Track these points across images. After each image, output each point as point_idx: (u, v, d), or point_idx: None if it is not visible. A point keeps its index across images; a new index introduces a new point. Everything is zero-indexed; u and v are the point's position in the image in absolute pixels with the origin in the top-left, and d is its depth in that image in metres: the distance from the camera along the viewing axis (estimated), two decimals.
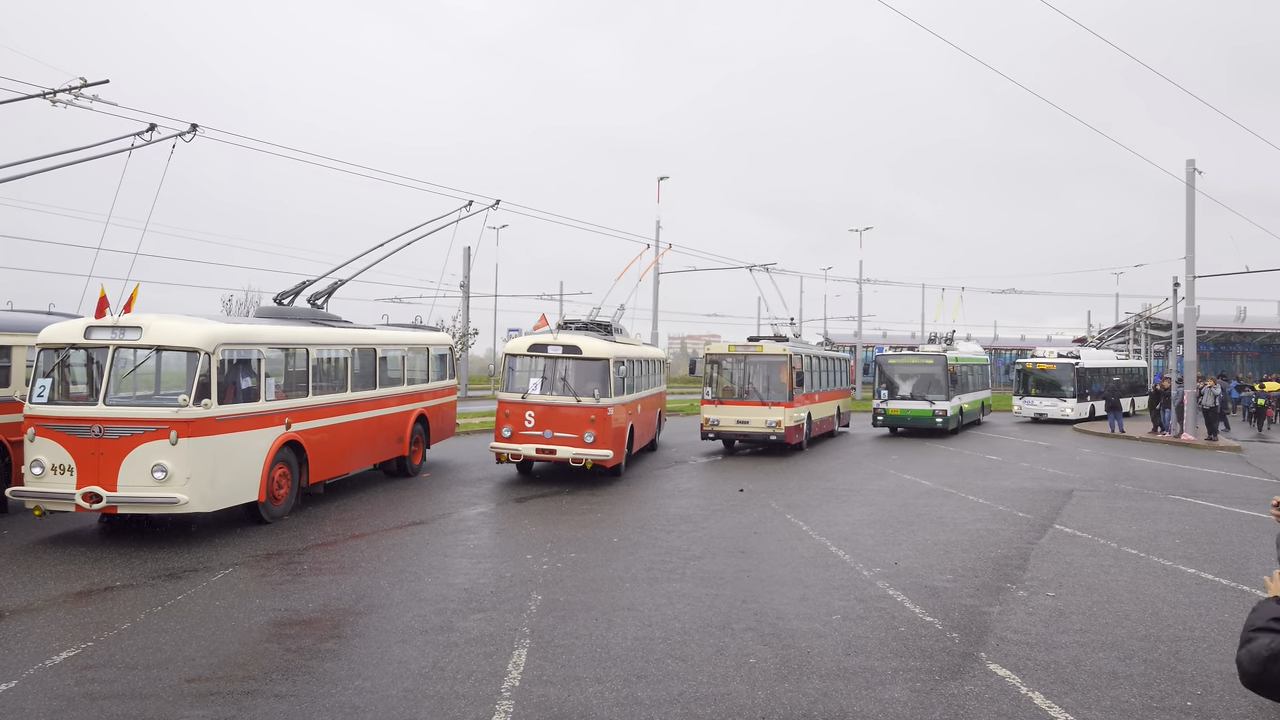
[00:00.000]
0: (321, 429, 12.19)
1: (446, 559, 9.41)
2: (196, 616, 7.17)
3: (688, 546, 10.17)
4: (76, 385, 10.05)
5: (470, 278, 42.08)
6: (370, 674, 5.93)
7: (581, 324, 17.49)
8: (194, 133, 11.46)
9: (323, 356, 12.63)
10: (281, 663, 6.12)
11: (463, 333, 42.56)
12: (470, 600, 7.79)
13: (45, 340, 9.94)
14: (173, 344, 9.79)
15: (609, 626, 7.04)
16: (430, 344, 16.62)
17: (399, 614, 7.33)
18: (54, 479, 9.44)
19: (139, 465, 9.37)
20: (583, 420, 14.63)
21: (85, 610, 7.33)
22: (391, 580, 8.43)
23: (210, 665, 6.05)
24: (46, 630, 6.77)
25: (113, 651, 6.28)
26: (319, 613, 7.33)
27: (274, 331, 11.55)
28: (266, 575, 8.59)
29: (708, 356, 21.02)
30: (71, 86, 10.32)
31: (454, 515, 12.07)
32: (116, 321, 9.74)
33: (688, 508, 12.92)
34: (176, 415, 9.48)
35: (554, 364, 15.05)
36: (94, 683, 5.68)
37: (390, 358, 14.77)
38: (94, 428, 9.39)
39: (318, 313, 14.18)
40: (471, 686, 5.72)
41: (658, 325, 37.63)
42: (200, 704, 5.37)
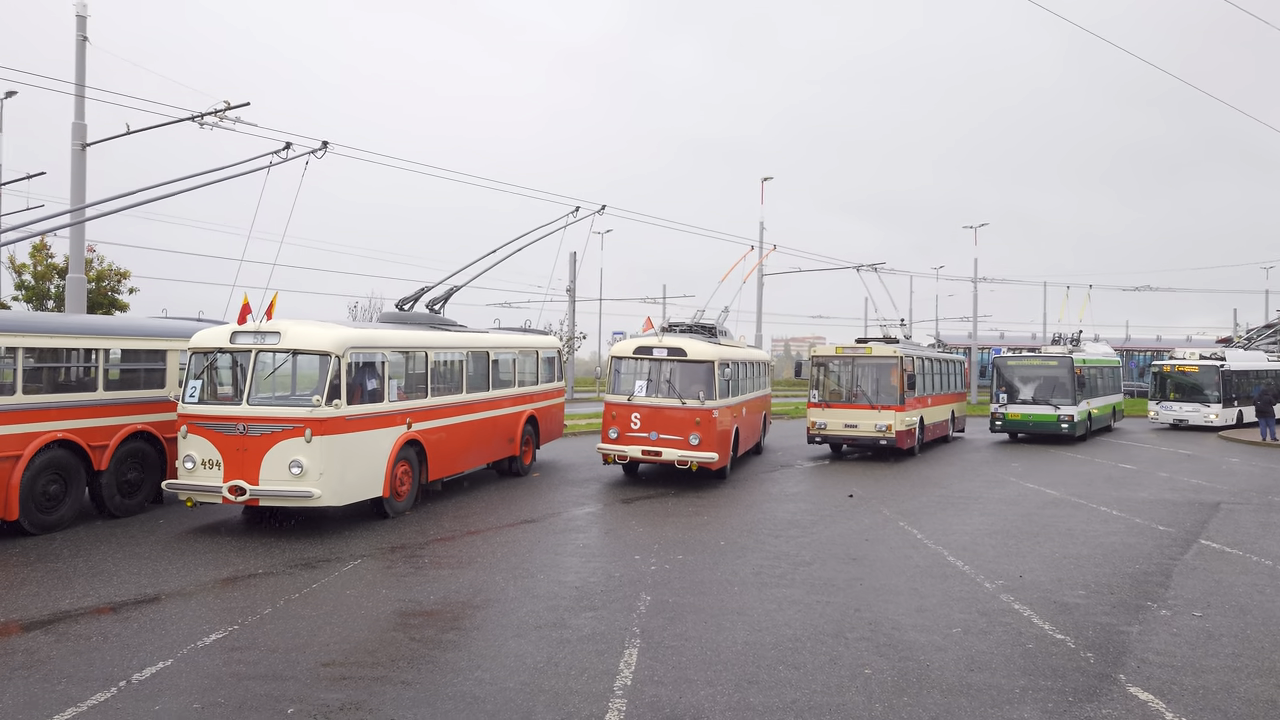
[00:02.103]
0: (440, 429, 12.71)
1: (557, 557, 9.66)
2: (330, 604, 7.62)
3: (796, 552, 10.11)
4: (223, 386, 10.82)
5: (576, 282, 42.82)
6: (488, 666, 6.18)
7: (686, 326, 17.58)
8: (325, 149, 12.18)
9: (440, 359, 13.16)
10: (407, 651, 6.45)
11: (569, 336, 43.43)
12: (581, 598, 7.98)
13: (195, 345, 10.76)
14: (307, 348, 10.43)
15: (718, 630, 7.10)
16: (539, 347, 17.05)
17: (514, 609, 7.59)
18: (203, 473, 10.22)
19: (278, 461, 10.03)
20: (688, 423, 14.71)
21: (231, 595, 7.91)
22: (506, 576, 8.73)
23: (343, 651, 6.43)
24: (198, 613, 7.34)
25: (255, 635, 6.76)
26: (440, 605, 7.67)
27: (396, 336, 12.12)
28: (391, 567, 9.04)
29: (814, 359, 20.76)
30: (217, 110, 11.14)
31: (563, 514, 12.35)
32: (258, 327, 10.46)
33: (795, 512, 12.82)
34: (311, 414, 10.09)
35: (659, 366, 15.19)
36: (239, 664, 6.13)
37: (502, 360, 15.24)
38: (238, 425, 10.11)
39: (435, 317, 14.78)
40: (585, 683, 5.89)
41: (762, 327, 37.36)
42: (334, 687, 5.73)
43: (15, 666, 5.96)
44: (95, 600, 7.62)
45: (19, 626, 6.88)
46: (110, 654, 6.24)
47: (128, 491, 11.38)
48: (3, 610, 7.28)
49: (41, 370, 10.41)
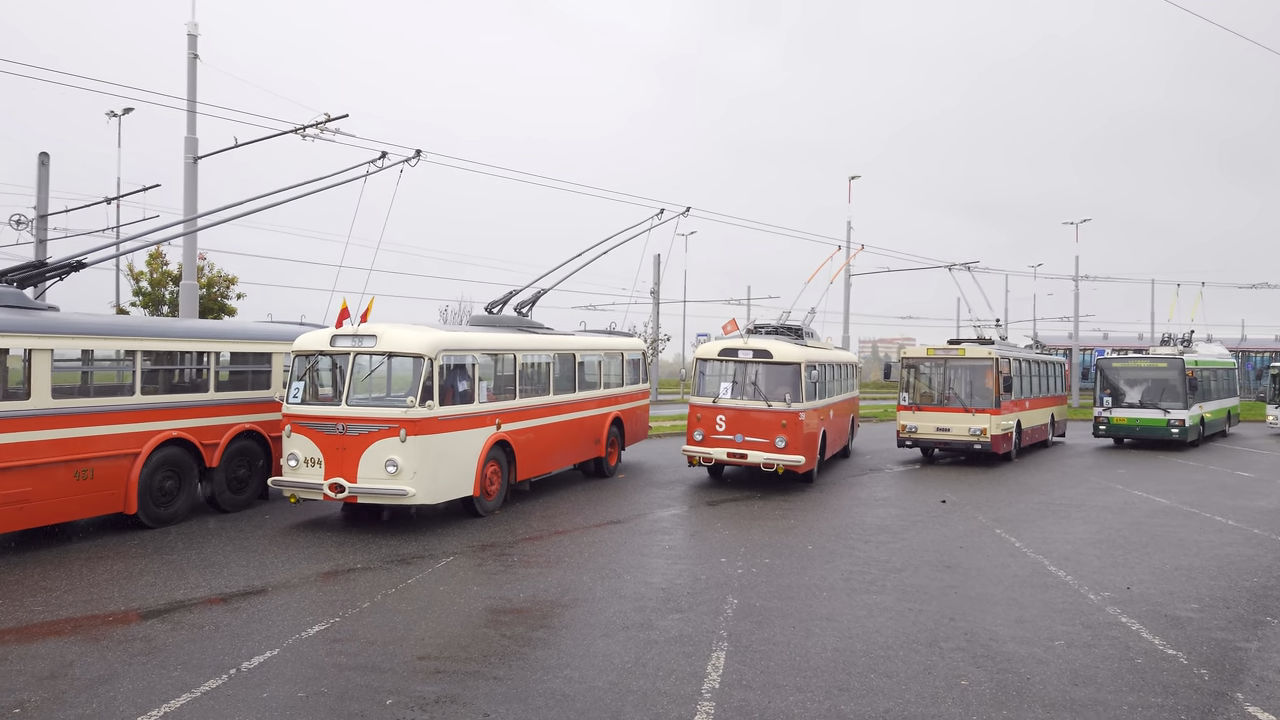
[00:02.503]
0: (527, 430, 12.92)
1: (644, 558, 9.69)
2: (424, 600, 7.84)
3: (887, 558, 9.88)
4: (323, 387, 11.27)
5: (660, 284, 42.93)
6: (578, 664, 6.24)
7: (772, 328, 17.41)
8: (418, 158, 12.56)
9: (528, 361, 13.39)
10: (498, 647, 6.57)
11: (653, 338, 43.54)
12: (668, 600, 7.99)
13: (298, 348, 11.24)
14: (402, 350, 10.76)
15: (807, 635, 7.00)
16: (624, 349, 17.16)
17: (601, 609, 7.65)
18: (306, 471, 10.65)
19: (375, 460, 10.37)
20: (774, 425, 14.56)
21: (332, 589, 8.21)
22: (593, 576, 8.80)
23: (437, 645, 6.60)
24: (301, 605, 7.65)
25: (355, 627, 7.00)
26: (529, 603, 7.80)
27: (485, 338, 12.38)
28: (482, 565, 9.23)
29: (904, 360, 20.27)
30: (318, 122, 11.61)
31: (649, 516, 12.39)
32: (356, 330, 10.85)
33: (885, 517, 12.54)
34: (405, 415, 10.40)
35: (744, 368, 15.09)
36: (341, 655, 6.36)
37: (588, 362, 15.39)
38: (338, 425, 10.51)
39: (523, 320, 15.05)
40: (673, 685, 5.89)
41: (849, 328, 36.69)
42: (430, 680, 5.89)
43: (135, 653, 6.33)
44: (207, 591, 8.03)
45: (138, 615, 7.30)
46: (221, 643, 6.57)
47: (236, 488, 11.96)
48: (124, 599, 7.74)
49: (158, 372, 11.04)
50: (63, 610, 7.35)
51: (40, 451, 9.25)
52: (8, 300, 9.65)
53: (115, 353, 10.58)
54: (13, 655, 6.23)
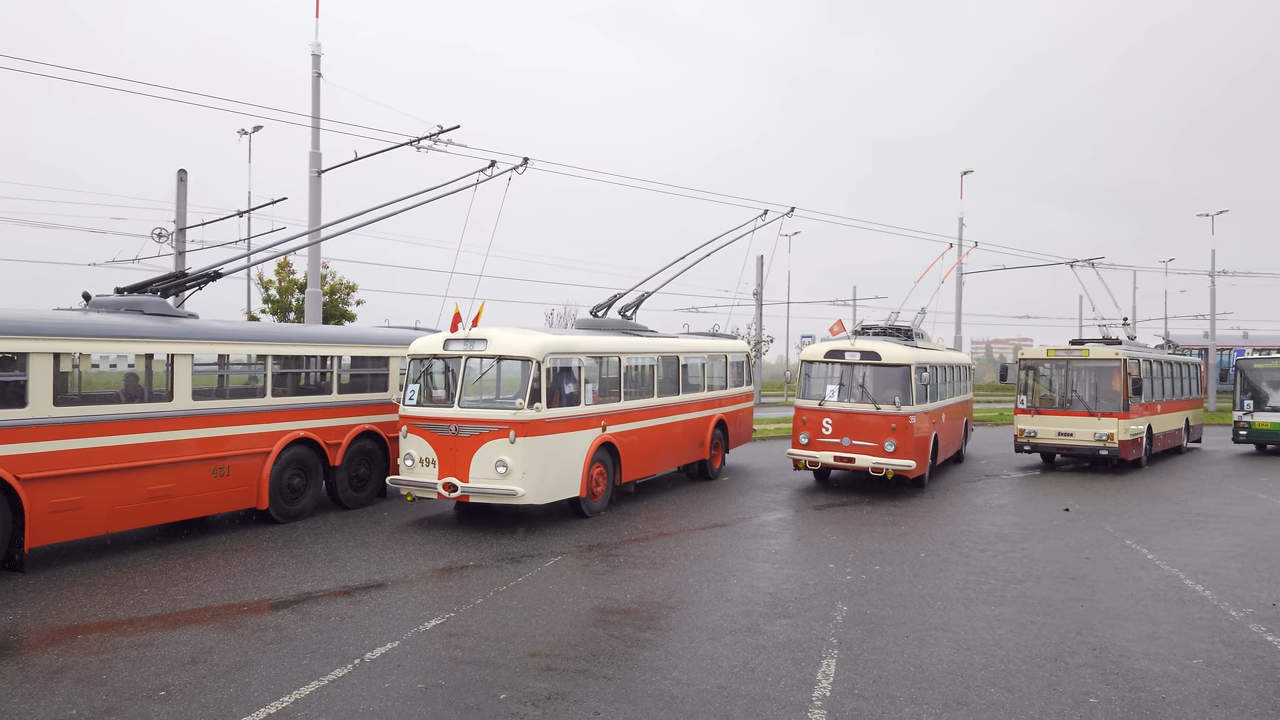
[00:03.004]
0: (632, 432, 13.03)
1: (749, 562, 9.62)
2: (534, 598, 8.01)
3: (1006, 568, 9.49)
4: (437, 389, 11.67)
5: (763, 285, 42.54)
6: (685, 667, 6.25)
7: (880, 329, 16.99)
8: (525, 165, 12.86)
9: (632, 364, 13.50)
10: (606, 647, 6.65)
11: (757, 340, 43.19)
12: (775, 605, 7.90)
13: (413, 351, 11.68)
14: (511, 354, 11.03)
15: (921, 645, 6.79)
16: (728, 351, 17.08)
17: (708, 612, 7.63)
18: (421, 470, 11.06)
19: (485, 461, 10.68)
20: (883, 429, 14.21)
21: (447, 585, 8.49)
22: (699, 579, 8.80)
23: (548, 643, 6.74)
24: (419, 600, 7.94)
25: (469, 623, 7.22)
26: (636, 604, 7.86)
27: (591, 341, 12.56)
28: (589, 565, 9.36)
29: (1022, 362, 19.42)
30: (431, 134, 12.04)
31: (754, 519, 12.29)
32: (467, 335, 11.19)
33: (1003, 525, 12.04)
34: (514, 417, 10.66)
35: (851, 370, 14.78)
36: (456, 649, 6.57)
37: (691, 365, 15.40)
38: (451, 426, 10.87)
39: (627, 323, 15.18)
40: (782, 691, 5.82)
41: (961, 329, 35.42)
42: (541, 677, 6.01)
43: (268, 641, 6.71)
44: (332, 584, 8.43)
45: (269, 605, 7.74)
46: (346, 633, 6.88)
47: (357, 485, 12.52)
48: (256, 590, 8.22)
49: (286, 375, 11.67)
50: (202, 599, 7.86)
51: (182, 450, 9.92)
52: (153, 309, 10.40)
53: (248, 357, 11.25)
54: (158, 641, 6.70)
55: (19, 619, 7.18)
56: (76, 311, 9.78)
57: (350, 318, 30.90)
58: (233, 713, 5.34)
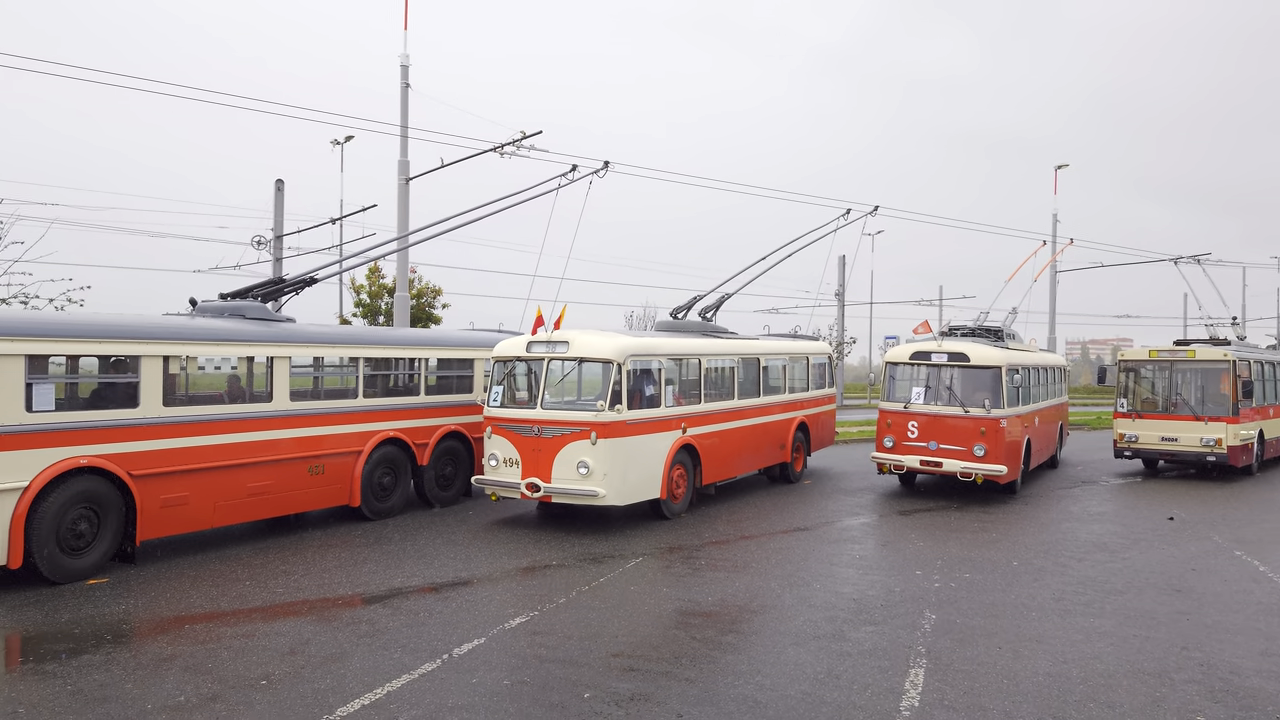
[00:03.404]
0: (712, 434, 12.98)
1: (833, 567, 9.47)
2: (616, 598, 8.06)
3: (1105, 578, 9.09)
4: (520, 391, 11.87)
5: (845, 286, 41.84)
6: (768, 671, 6.19)
7: (968, 329, 16.51)
8: (606, 169, 12.98)
9: (712, 366, 13.45)
10: (688, 649, 6.64)
11: (839, 341, 42.50)
12: (860, 611, 7.76)
13: (497, 354, 11.91)
14: (592, 356, 11.14)
15: (1015, 657, 6.57)
16: (809, 353, 16.87)
17: (791, 617, 7.55)
18: (505, 470, 11.27)
19: (567, 462, 10.80)
20: (972, 432, 13.80)
21: (530, 584, 8.62)
22: (781, 583, 8.70)
23: (630, 644, 6.77)
24: (504, 598, 8.08)
25: (553, 621, 7.31)
26: (718, 607, 7.82)
27: (671, 343, 12.57)
28: (670, 567, 9.37)
29: (1122, 364, 18.58)
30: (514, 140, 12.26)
31: (837, 524, 12.09)
32: (549, 337, 11.35)
33: (1102, 534, 11.54)
34: (595, 418, 10.76)
35: (938, 372, 14.41)
36: (541, 647, 6.66)
37: (772, 366, 15.26)
38: (533, 428, 11.04)
39: (707, 325, 15.14)
40: (869, 699, 5.71)
41: (1055, 329, 34.14)
42: (624, 678, 6.04)
43: (361, 634, 6.93)
44: (421, 580, 8.66)
45: (362, 599, 7.99)
46: (435, 629, 7.06)
47: (443, 484, 12.82)
48: (350, 584, 8.50)
49: (376, 377, 12.04)
50: (300, 592, 8.18)
51: (281, 448, 10.34)
52: (253, 313, 10.87)
53: (340, 360, 11.66)
54: (260, 631, 7.00)
55: (131, 609, 7.61)
56: (184, 317, 10.30)
57: (436, 321, 31.72)
58: (329, 703, 5.53)
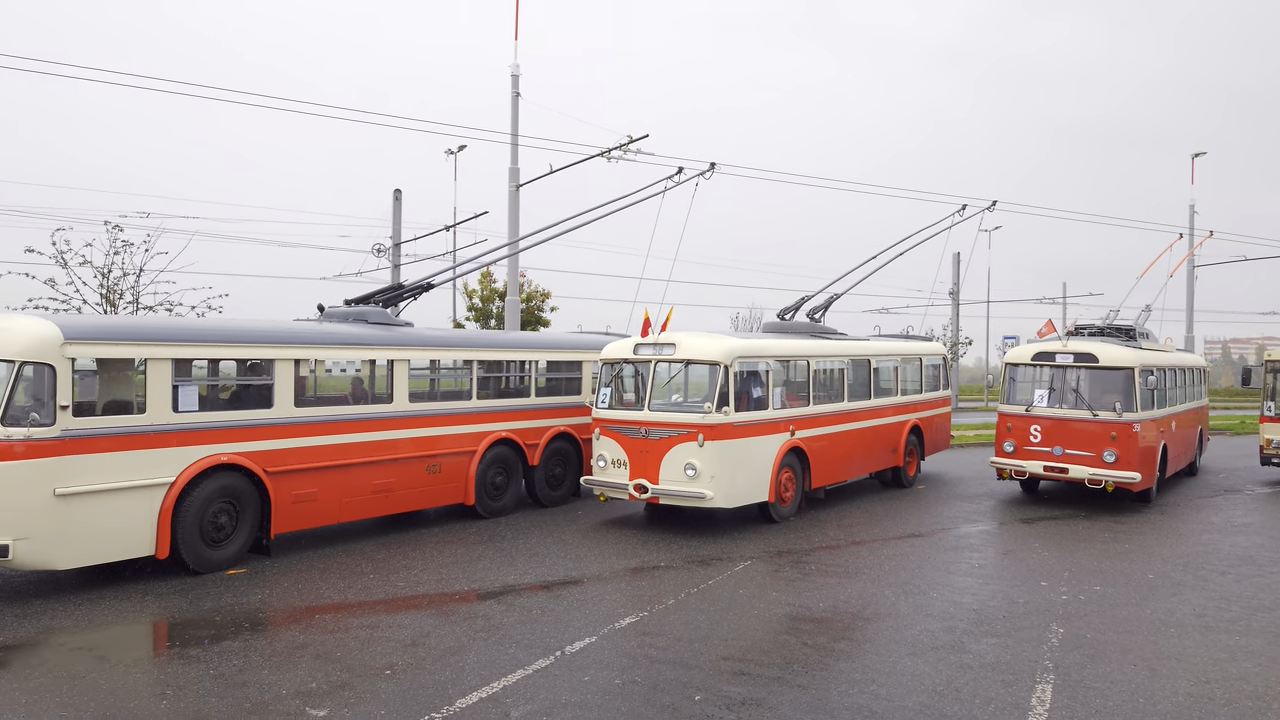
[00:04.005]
0: (822, 436, 12.76)
1: (950, 576, 9.16)
2: (725, 601, 8.02)
3: (1252, 594, 8.45)
4: (627, 393, 11.97)
5: (960, 284, 40.38)
6: (883, 681, 6.04)
7: (1096, 329, 15.66)
8: (712, 170, 12.95)
9: (821, 367, 13.23)
10: (800, 655, 6.55)
11: (953, 341, 41.04)
12: (980, 622, 7.47)
13: (605, 356, 12.06)
14: (699, 358, 11.13)
15: (1151, 675, 6.19)
16: (922, 354, 16.36)
17: (906, 626, 7.34)
18: (613, 471, 11.39)
19: (674, 463, 10.83)
20: (1101, 437, 13.07)
21: (639, 584, 8.69)
22: (896, 590, 8.47)
23: (740, 648, 6.73)
24: (613, 597, 8.17)
25: (663, 623, 7.34)
26: (829, 613, 7.68)
27: (778, 345, 12.43)
28: (779, 571, 9.26)
29: (1269, 364, 17.22)
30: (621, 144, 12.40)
31: (953, 531, 11.68)
32: (656, 339, 11.41)
33: (1248, 546, 10.74)
34: (702, 420, 10.75)
35: (1064, 374, 13.73)
36: (651, 647, 6.70)
37: (883, 368, 14.88)
38: (641, 429, 11.12)
39: (815, 326, 14.90)
40: (992, 714, 5.49)
41: (1193, 328, 32.00)
42: (734, 681, 6.01)
43: (478, 629, 7.14)
44: (533, 578, 8.85)
45: (477, 595, 8.23)
46: (547, 626, 7.20)
47: (553, 484, 13.07)
48: (466, 580, 8.77)
49: (489, 379, 12.39)
50: (419, 587, 8.49)
51: (401, 448, 10.77)
52: (375, 318, 11.37)
53: (454, 362, 12.05)
54: (383, 623, 7.30)
55: (266, 598, 8.07)
56: (312, 322, 10.87)
57: (545, 323, 32.37)
58: (448, 695, 5.72)
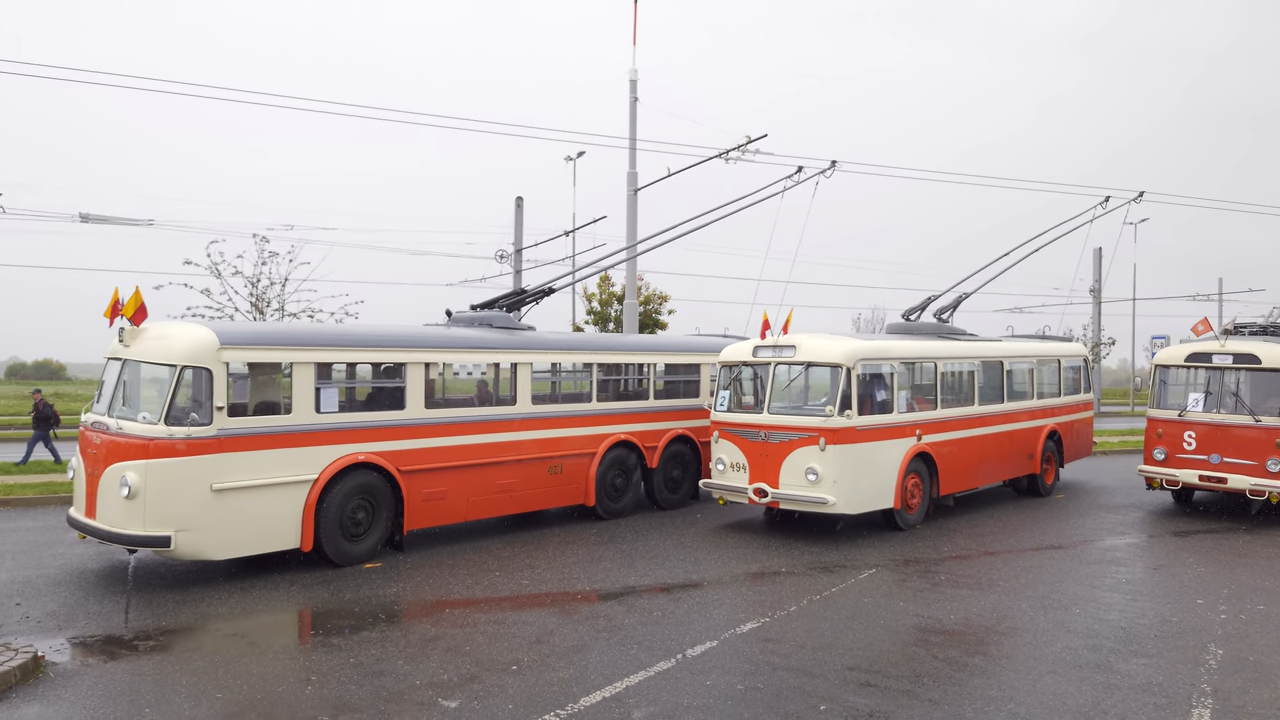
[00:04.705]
0: (950, 442, 12.27)
1: (1094, 591, 8.62)
2: (849, 610, 7.82)
3: None
4: (746, 396, 11.87)
5: (1102, 281, 38.05)
6: (1023, 700, 5.74)
7: (1258, 327, 14.43)
8: (833, 168, 12.69)
9: (949, 370, 12.73)
10: (930, 669, 6.30)
11: (1095, 342, 38.71)
12: (1129, 641, 7.00)
13: (724, 359, 12.00)
14: (820, 360, 10.92)
15: None
16: (1061, 355, 15.50)
17: (1046, 642, 6.95)
18: (732, 475, 11.31)
19: (795, 467, 10.65)
20: (1264, 444, 12.03)
21: (760, 589, 8.58)
22: (1033, 605, 8.05)
23: (866, 658, 6.54)
24: (734, 602, 8.10)
25: (785, 629, 7.22)
26: (961, 626, 7.37)
27: (903, 346, 12.04)
28: (906, 581, 8.96)
29: None
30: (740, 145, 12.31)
31: (1097, 543, 11.00)
32: (776, 341, 11.26)
33: None
34: (824, 424, 10.53)
35: (1221, 376, 12.71)
36: (773, 654, 6.60)
37: (1017, 370, 14.18)
38: (760, 433, 10.99)
39: (943, 326, 14.36)
40: None
41: None
42: (861, 693, 5.84)
43: (600, 629, 7.22)
44: (653, 580, 8.89)
45: (598, 595, 8.33)
46: (668, 629, 7.21)
47: (672, 487, 13.10)
48: (587, 580, 8.89)
49: (608, 382, 12.54)
50: (543, 585, 8.67)
51: (524, 449, 11.04)
52: (500, 322, 11.71)
53: (574, 365, 12.25)
54: (509, 620, 7.49)
55: (400, 592, 8.43)
56: (440, 327, 11.29)
57: (663, 326, 32.54)
58: (572, 693, 5.81)
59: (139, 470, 8.03)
